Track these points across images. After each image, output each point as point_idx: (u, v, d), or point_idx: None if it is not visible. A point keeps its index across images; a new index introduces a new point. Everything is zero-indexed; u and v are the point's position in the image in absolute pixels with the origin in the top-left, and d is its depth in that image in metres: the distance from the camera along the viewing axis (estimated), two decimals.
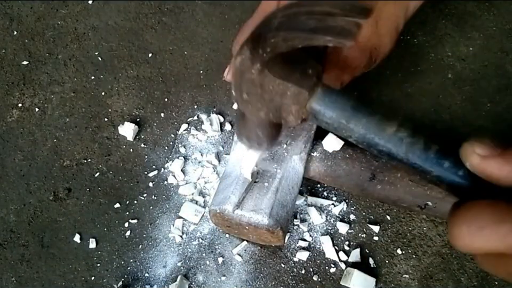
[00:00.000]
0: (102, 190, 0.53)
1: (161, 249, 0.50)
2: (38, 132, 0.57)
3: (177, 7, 0.63)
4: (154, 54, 0.60)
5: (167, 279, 0.49)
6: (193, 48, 0.61)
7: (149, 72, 0.59)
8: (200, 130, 0.56)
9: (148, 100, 0.58)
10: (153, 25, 0.62)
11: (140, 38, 0.62)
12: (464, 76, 0.57)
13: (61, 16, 0.63)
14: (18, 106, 0.58)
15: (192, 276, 0.49)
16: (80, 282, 0.49)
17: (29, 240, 0.51)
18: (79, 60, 0.61)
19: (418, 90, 0.56)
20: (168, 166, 0.54)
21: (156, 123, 0.57)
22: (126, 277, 0.49)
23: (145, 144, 0.55)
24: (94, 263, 0.50)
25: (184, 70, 0.60)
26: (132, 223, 0.51)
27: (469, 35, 0.59)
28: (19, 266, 0.50)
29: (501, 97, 0.56)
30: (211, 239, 0.50)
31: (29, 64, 0.61)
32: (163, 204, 0.52)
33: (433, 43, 0.59)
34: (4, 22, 0.63)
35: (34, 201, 0.53)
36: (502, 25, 0.59)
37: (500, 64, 0.57)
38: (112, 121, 0.57)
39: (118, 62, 0.60)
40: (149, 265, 0.49)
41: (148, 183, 0.53)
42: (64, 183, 0.54)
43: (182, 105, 0.57)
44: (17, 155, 0.55)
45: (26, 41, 0.62)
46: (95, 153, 0.55)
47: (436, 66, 0.58)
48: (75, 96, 0.59)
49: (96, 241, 0.51)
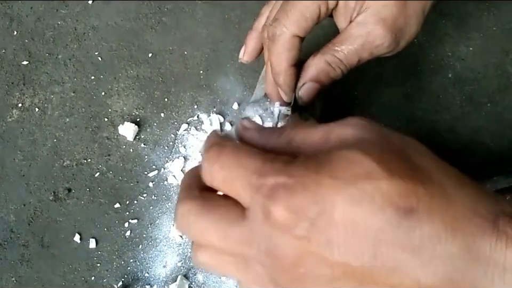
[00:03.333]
0: (102, 190, 0.53)
1: (161, 249, 0.50)
2: (38, 132, 0.57)
3: (177, 7, 0.63)
4: (154, 54, 0.60)
5: (167, 279, 0.49)
6: (193, 48, 0.61)
7: (149, 72, 0.59)
8: (200, 130, 0.56)
9: (148, 99, 0.58)
10: (153, 25, 0.62)
11: (139, 38, 0.62)
12: (464, 76, 0.57)
13: (61, 16, 0.63)
14: (18, 106, 0.58)
15: (192, 276, 0.49)
16: (80, 282, 0.49)
17: (29, 240, 0.51)
18: (79, 60, 0.61)
19: (418, 90, 0.56)
20: (168, 166, 0.54)
21: (156, 123, 0.57)
22: (126, 277, 0.49)
23: (145, 144, 0.55)
24: (94, 263, 0.50)
25: (184, 70, 0.60)
26: (131, 223, 0.51)
27: (469, 35, 0.59)
28: (19, 266, 0.50)
29: (501, 97, 0.56)
30: None
31: (29, 64, 0.61)
32: (163, 204, 0.52)
33: (433, 43, 0.59)
34: (3, 22, 0.63)
35: (34, 201, 0.53)
36: (502, 25, 0.59)
37: (500, 64, 0.57)
38: (112, 121, 0.57)
39: (118, 62, 0.60)
40: (149, 265, 0.50)
41: (148, 183, 0.53)
42: (64, 183, 0.54)
43: (182, 105, 0.57)
44: (17, 155, 0.55)
45: (26, 41, 0.62)
46: (95, 153, 0.55)
47: (436, 66, 0.58)
48: (75, 96, 0.59)
49: (96, 241, 0.51)
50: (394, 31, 0.37)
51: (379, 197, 0.19)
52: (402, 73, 0.57)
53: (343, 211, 0.19)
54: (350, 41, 0.37)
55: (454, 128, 0.55)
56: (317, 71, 0.38)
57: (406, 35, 0.39)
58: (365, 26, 0.37)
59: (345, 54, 0.37)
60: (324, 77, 0.38)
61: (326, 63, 0.38)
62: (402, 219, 0.19)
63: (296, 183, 0.20)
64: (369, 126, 0.23)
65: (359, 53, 0.38)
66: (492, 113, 0.55)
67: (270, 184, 0.21)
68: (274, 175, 0.21)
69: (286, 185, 0.20)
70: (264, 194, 0.21)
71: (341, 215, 0.19)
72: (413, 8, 0.38)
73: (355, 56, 0.38)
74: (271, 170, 0.21)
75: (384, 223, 0.19)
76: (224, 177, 0.23)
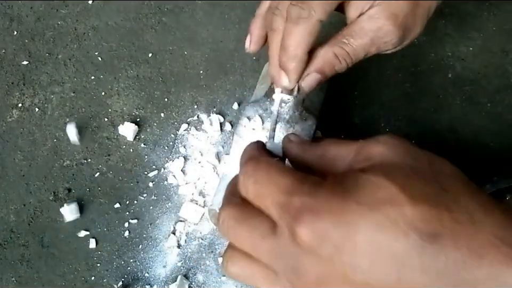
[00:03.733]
0: (102, 190, 0.53)
1: (161, 249, 0.50)
2: (38, 132, 0.57)
3: (177, 7, 0.63)
4: (154, 54, 0.60)
5: (167, 279, 0.49)
6: (193, 48, 0.61)
7: (149, 72, 0.59)
8: (200, 130, 0.56)
9: (148, 99, 0.58)
10: (153, 25, 0.62)
11: (140, 38, 0.62)
12: (464, 76, 0.57)
13: (61, 16, 0.63)
14: (18, 106, 0.58)
15: (192, 276, 0.49)
16: (80, 282, 0.49)
17: (29, 240, 0.51)
18: (79, 60, 0.61)
19: (418, 90, 0.56)
20: (168, 166, 0.54)
21: (156, 123, 0.57)
22: (126, 277, 0.49)
23: (145, 144, 0.55)
24: (94, 263, 0.50)
25: (184, 70, 0.60)
26: (131, 223, 0.51)
27: (469, 35, 0.59)
28: (19, 266, 0.50)
29: (501, 97, 0.56)
30: (211, 239, 0.50)
31: (29, 64, 0.61)
32: (163, 204, 0.52)
33: (433, 43, 0.59)
34: (3, 22, 0.63)
35: (34, 201, 0.53)
36: (502, 25, 0.59)
37: (500, 64, 0.57)
38: (112, 121, 0.57)
39: (118, 62, 0.60)
40: (149, 265, 0.50)
41: (148, 183, 0.53)
42: (64, 183, 0.54)
43: (182, 105, 0.57)
44: (17, 155, 0.55)
45: (26, 41, 0.62)
46: (95, 153, 0.55)
47: (436, 66, 0.58)
48: (75, 96, 0.59)
49: (96, 241, 0.51)
50: (403, 28, 0.37)
51: (403, 222, 0.20)
52: (402, 73, 0.57)
53: (367, 235, 0.20)
54: (360, 35, 0.36)
55: (454, 128, 0.55)
56: (323, 62, 0.37)
57: (412, 34, 0.39)
58: (376, 21, 0.36)
59: (353, 48, 0.37)
60: (329, 69, 0.37)
61: (334, 55, 0.37)
62: (427, 244, 0.19)
63: (322, 206, 0.21)
64: (399, 145, 0.24)
65: (367, 47, 0.37)
66: (492, 113, 0.55)
67: (297, 205, 0.21)
68: (302, 197, 0.22)
69: (312, 208, 0.21)
70: (291, 214, 0.21)
71: (365, 239, 0.20)
72: (423, 8, 0.38)
73: (363, 50, 0.37)
74: (299, 191, 0.22)
75: (408, 247, 0.20)
76: (256, 192, 0.24)
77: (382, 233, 0.20)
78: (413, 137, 0.53)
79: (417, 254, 0.19)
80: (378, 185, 0.21)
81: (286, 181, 0.23)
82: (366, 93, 0.56)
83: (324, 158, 0.26)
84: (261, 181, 0.24)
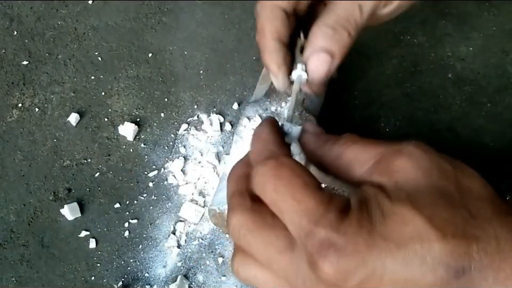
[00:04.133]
0: (102, 190, 0.53)
1: (161, 249, 0.50)
2: (38, 132, 0.57)
3: (177, 7, 0.63)
4: (154, 54, 0.60)
5: (167, 279, 0.49)
6: (193, 48, 0.61)
7: (149, 72, 0.59)
8: (200, 130, 0.56)
9: (148, 99, 0.58)
10: (153, 25, 0.62)
11: (140, 38, 0.62)
12: (464, 76, 0.57)
13: (61, 16, 0.63)
14: (18, 106, 0.58)
15: (192, 276, 0.49)
16: (80, 282, 0.49)
17: (29, 240, 0.51)
18: (79, 60, 0.61)
19: (418, 90, 0.56)
20: (168, 166, 0.54)
21: (156, 123, 0.57)
22: (126, 277, 0.49)
23: (145, 144, 0.55)
24: (94, 263, 0.50)
25: (184, 70, 0.60)
26: (131, 223, 0.51)
27: (469, 35, 0.59)
28: (19, 266, 0.50)
29: (501, 97, 0.56)
30: (211, 239, 0.50)
31: (29, 64, 0.61)
32: (163, 204, 0.52)
33: (433, 43, 0.59)
34: (4, 22, 0.63)
35: (34, 201, 0.53)
36: (502, 25, 0.59)
37: (500, 64, 0.57)
38: (112, 121, 0.57)
39: (118, 62, 0.60)
40: (149, 265, 0.50)
41: (148, 183, 0.53)
42: (64, 183, 0.54)
43: (182, 105, 0.57)
44: (17, 155, 0.55)
45: (26, 41, 0.62)
46: (95, 153, 0.55)
47: (436, 66, 0.58)
48: (75, 96, 0.59)
49: (96, 241, 0.51)
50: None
51: (430, 258, 0.19)
52: (402, 73, 0.57)
53: (393, 273, 0.20)
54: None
55: (454, 128, 0.55)
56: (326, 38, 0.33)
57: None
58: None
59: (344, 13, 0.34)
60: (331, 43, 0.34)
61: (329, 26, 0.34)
62: (454, 279, 0.19)
63: (348, 244, 0.20)
64: (424, 158, 0.23)
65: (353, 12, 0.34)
66: (492, 113, 0.55)
67: (320, 238, 0.21)
68: (326, 229, 0.21)
69: (337, 244, 0.20)
70: (314, 245, 0.21)
71: (391, 277, 0.20)
72: None
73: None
74: (323, 221, 0.21)
75: (434, 284, 0.19)
76: (275, 202, 0.23)
77: (409, 271, 0.19)
78: (413, 137, 0.53)
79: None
80: (405, 219, 0.20)
81: (311, 202, 0.22)
82: (366, 93, 0.56)
83: (340, 160, 0.25)
84: (282, 193, 0.22)
